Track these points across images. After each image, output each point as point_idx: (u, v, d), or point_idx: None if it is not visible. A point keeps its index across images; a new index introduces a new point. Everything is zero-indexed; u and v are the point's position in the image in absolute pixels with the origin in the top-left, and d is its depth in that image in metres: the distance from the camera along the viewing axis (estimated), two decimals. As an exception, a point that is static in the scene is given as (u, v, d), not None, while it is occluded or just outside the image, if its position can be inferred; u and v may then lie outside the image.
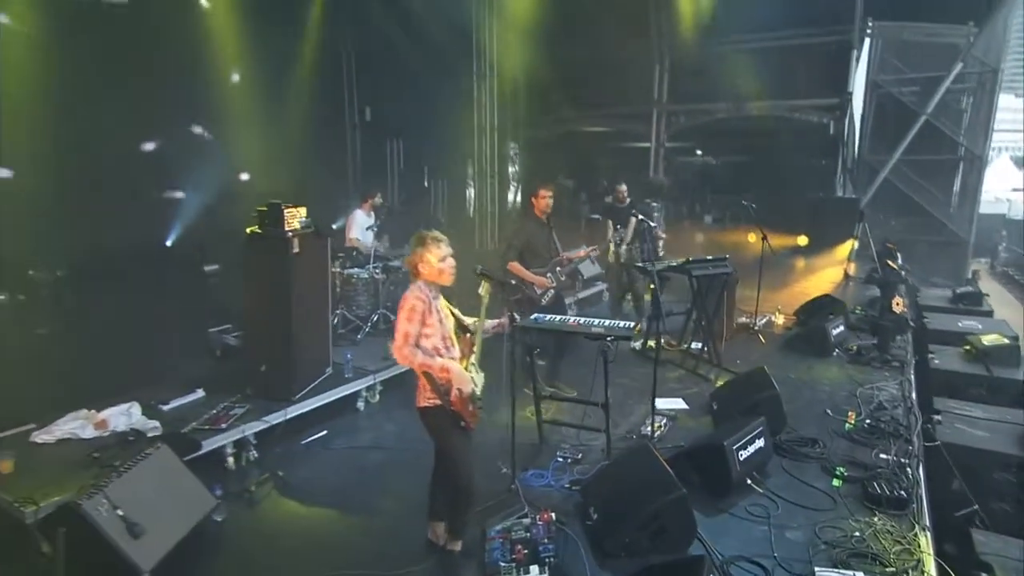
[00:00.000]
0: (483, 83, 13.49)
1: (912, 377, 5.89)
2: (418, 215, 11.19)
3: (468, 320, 3.31)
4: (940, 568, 3.19)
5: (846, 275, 10.83)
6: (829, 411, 5.06)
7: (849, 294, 9.44)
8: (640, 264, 6.28)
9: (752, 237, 14.37)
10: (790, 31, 13.97)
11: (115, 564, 2.79)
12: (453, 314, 3.20)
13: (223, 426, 4.00)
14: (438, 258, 2.94)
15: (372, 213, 6.73)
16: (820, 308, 7.38)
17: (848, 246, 11.78)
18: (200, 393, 4.50)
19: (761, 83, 14.29)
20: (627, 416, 5.02)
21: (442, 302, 3.07)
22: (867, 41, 13.73)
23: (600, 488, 3.59)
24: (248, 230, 4.35)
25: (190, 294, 7.02)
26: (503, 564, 3.02)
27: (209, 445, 3.87)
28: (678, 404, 5.26)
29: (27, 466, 3.43)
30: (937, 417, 4.98)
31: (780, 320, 7.63)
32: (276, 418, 4.26)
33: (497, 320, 3.47)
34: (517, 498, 3.63)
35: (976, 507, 4.08)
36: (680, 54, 15.47)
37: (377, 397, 5.24)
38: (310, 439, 4.54)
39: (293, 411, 4.40)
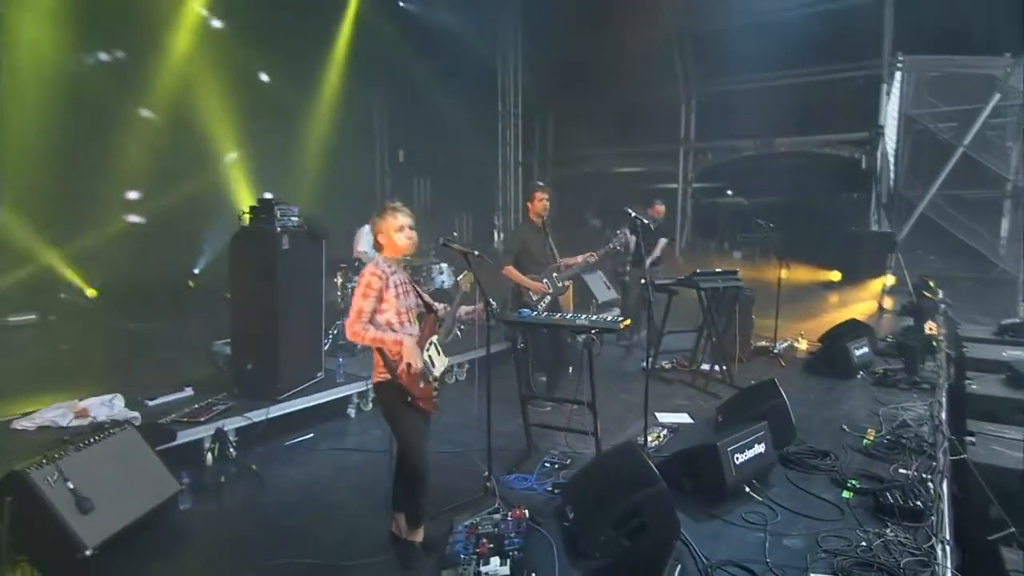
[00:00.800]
0: (508, 122, 13.78)
1: (943, 399, 5.46)
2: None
3: (438, 305, 3.21)
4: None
5: (880, 308, 10.34)
6: (846, 427, 4.70)
7: (882, 325, 8.97)
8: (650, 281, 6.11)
9: (785, 272, 14.04)
10: (817, 67, 13.89)
11: (59, 538, 2.70)
12: (419, 295, 3.10)
13: (201, 419, 3.94)
14: (395, 228, 2.87)
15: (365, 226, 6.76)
16: (846, 332, 6.98)
17: (882, 280, 11.32)
18: (188, 392, 4.47)
19: (789, 119, 14.20)
20: (625, 429, 4.76)
21: (403, 277, 2.97)
22: (898, 75, 13.53)
23: (578, 487, 3.36)
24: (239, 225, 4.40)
25: (210, 318, 7.17)
26: (463, 556, 2.81)
27: (184, 436, 3.80)
28: (682, 419, 4.97)
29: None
30: (971, 438, 4.59)
31: (803, 345, 7.27)
32: (258, 416, 4.18)
33: (472, 307, 3.36)
34: (492, 496, 3.42)
35: (1013, 530, 3.67)
36: (706, 91, 15.55)
37: (370, 405, 5.12)
38: (294, 441, 4.44)
39: (276, 410, 4.32)
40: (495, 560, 2.75)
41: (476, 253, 3.18)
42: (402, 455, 2.96)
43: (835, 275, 12.84)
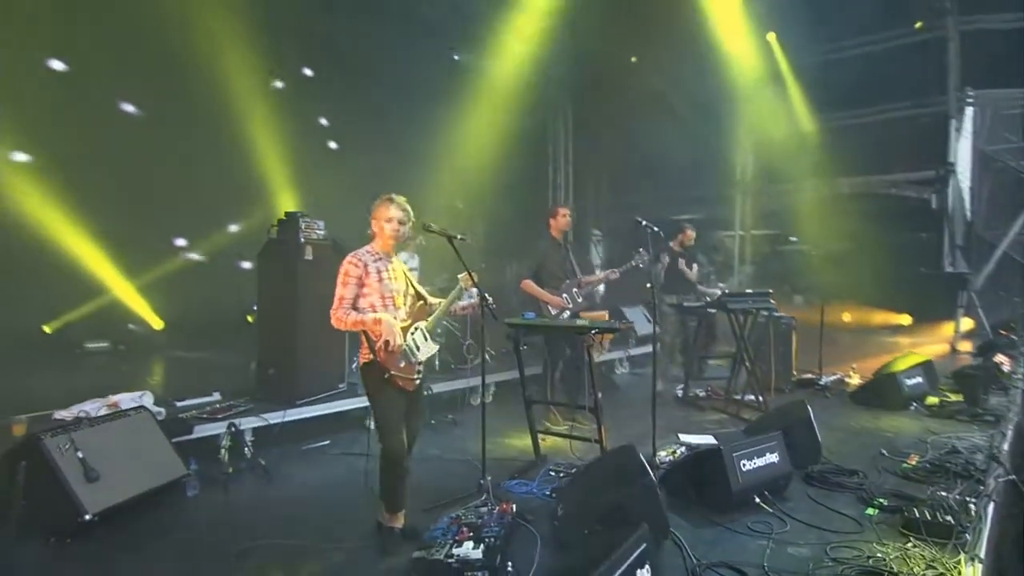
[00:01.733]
0: (559, 168, 14.04)
1: (1008, 432, 4.95)
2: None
3: (431, 299, 3.29)
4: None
5: (953, 350, 9.61)
6: (885, 451, 4.34)
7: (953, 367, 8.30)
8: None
9: (847, 316, 13.33)
10: (878, 107, 13.51)
11: (64, 502, 2.87)
12: (412, 284, 3.20)
13: (218, 417, 4.12)
14: (385, 217, 3.00)
15: (415, 256, 6.97)
16: (900, 364, 6.51)
17: (955, 323, 10.57)
18: (215, 396, 4.70)
19: (852, 160, 13.81)
20: (643, 448, 4.57)
21: (389, 265, 3.06)
22: (969, 111, 12.97)
23: (572, 488, 3.26)
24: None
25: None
26: (439, 540, 2.77)
27: (201, 431, 3.98)
28: (706, 440, 4.73)
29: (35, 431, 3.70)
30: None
31: (855, 379, 6.79)
32: (274, 418, 4.33)
33: (468, 302, 3.42)
34: (484, 494, 3.37)
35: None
36: (763, 137, 15.37)
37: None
38: (310, 446, 4.55)
39: (293, 414, 4.45)
40: (468, 544, 2.70)
41: (460, 237, 3.25)
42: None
43: (905, 319, 12.12)
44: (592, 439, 3.94)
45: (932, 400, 5.62)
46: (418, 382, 3.07)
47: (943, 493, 3.50)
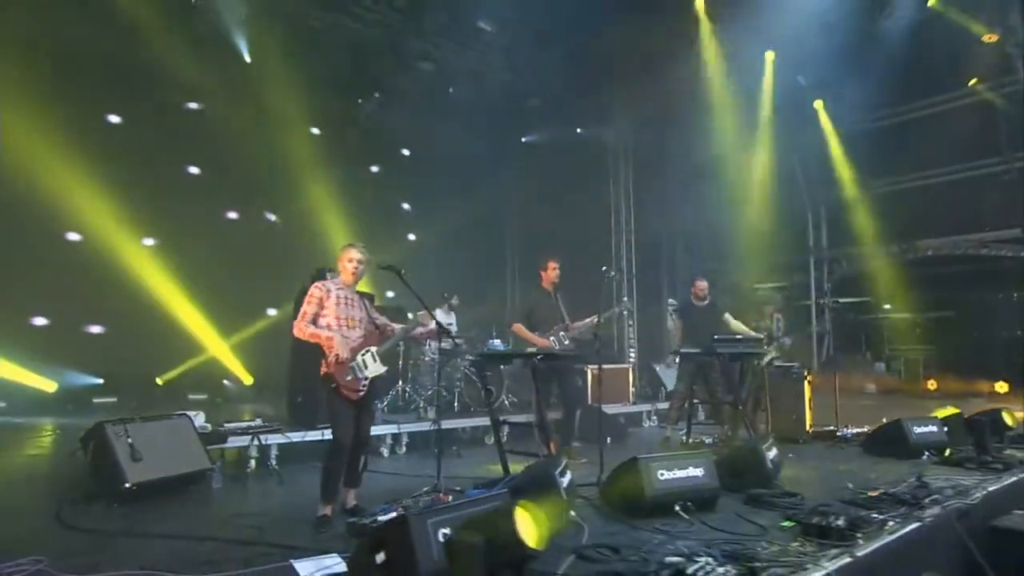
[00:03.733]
0: (621, 239, 14.58)
1: (1010, 480, 4.76)
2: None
3: (385, 323, 4.07)
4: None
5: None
6: (851, 484, 4.41)
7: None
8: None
9: (932, 384, 12.47)
10: (960, 165, 13.08)
11: (113, 472, 3.85)
12: (369, 312, 4.01)
13: (249, 431, 5.05)
14: (347, 259, 3.88)
15: (452, 313, 7.82)
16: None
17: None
18: (258, 421, 5.67)
19: (931, 221, 13.41)
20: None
21: (351, 295, 3.92)
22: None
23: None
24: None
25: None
26: (376, 512, 3.40)
27: (233, 442, 4.92)
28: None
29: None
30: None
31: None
32: (296, 436, 5.21)
33: (424, 327, 4.18)
34: (435, 492, 3.96)
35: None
36: (835, 198, 15.15)
37: (403, 449, 5.90)
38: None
39: (313, 435, 5.29)
40: (392, 511, 3.31)
41: (403, 271, 4.04)
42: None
43: (1001, 386, 11.23)
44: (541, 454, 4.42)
45: (948, 451, 5.46)
46: (363, 394, 3.80)
47: (877, 516, 3.66)
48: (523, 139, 13.56)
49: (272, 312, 10.31)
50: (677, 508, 3.67)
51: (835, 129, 13.47)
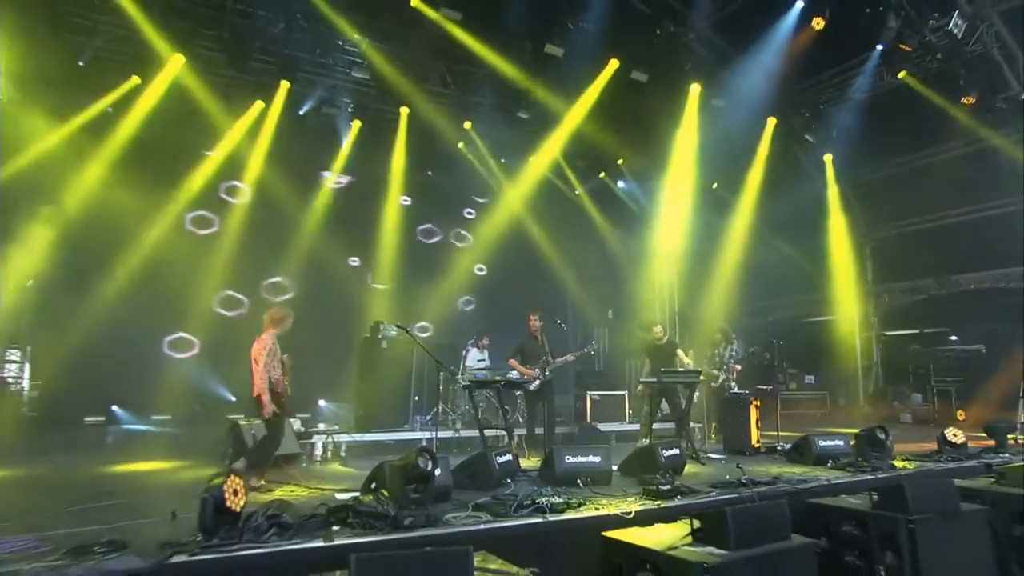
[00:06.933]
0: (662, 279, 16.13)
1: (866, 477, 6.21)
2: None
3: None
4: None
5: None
6: (728, 476, 6.12)
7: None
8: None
9: (962, 415, 13.13)
10: (1000, 201, 13.66)
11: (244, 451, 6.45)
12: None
13: (323, 431, 7.59)
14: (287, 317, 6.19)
15: (484, 351, 10.05)
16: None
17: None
18: (336, 427, 8.21)
19: (971, 256, 14.08)
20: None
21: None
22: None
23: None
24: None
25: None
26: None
27: (316, 439, 7.46)
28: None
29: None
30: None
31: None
32: (360, 436, 7.69)
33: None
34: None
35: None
36: (882, 235, 15.98)
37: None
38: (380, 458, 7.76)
39: (369, 437, 7.75)
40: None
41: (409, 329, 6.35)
42: None
43: (1025, 416, 11.77)
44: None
45: (839, 459, 6.93)
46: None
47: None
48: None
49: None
50: (579, 482, 5.66)
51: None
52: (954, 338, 16.08)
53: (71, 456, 7.63)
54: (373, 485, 4.36)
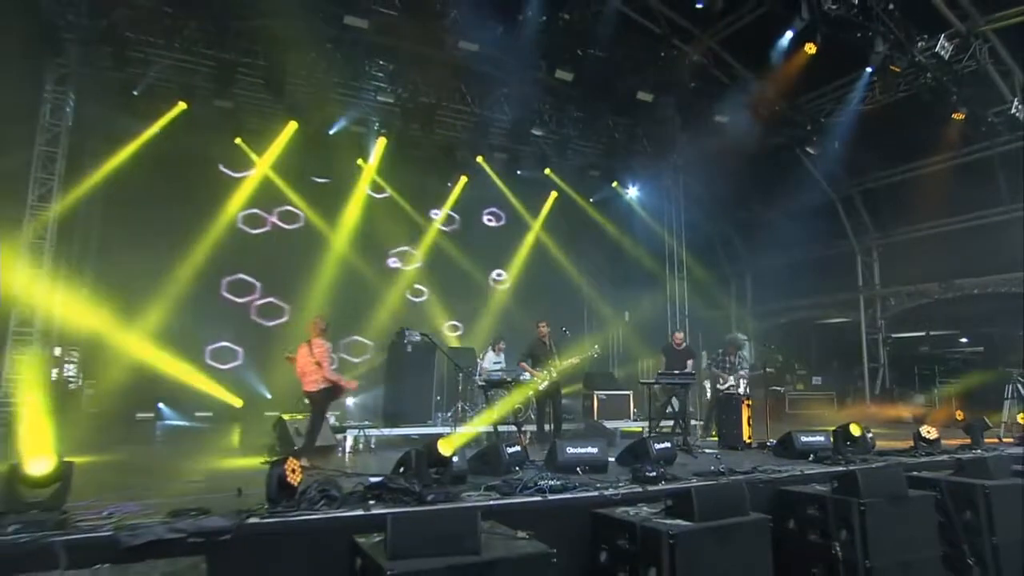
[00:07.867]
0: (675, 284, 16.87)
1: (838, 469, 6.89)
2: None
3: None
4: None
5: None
6: (712, 467, 6.87)
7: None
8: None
9: (960, 415, 13.68)
10: (1001, 208, 14.08)
11: (289, 444, 7.39)
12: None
13: (355, 426, 8.51)
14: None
15: (501, 355, 10.88)
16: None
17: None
18: (367, 421, 9.13)
19: (977, 260, 14.53)
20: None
21: None
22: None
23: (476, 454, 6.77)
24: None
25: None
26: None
27: (349, 433, 8.38)
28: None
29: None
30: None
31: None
32: (386, 430, 8.60)
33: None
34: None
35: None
36: (888, 240, 16.45)
37: (454, 443, 9.10)
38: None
39: (395, 431, 8.65)
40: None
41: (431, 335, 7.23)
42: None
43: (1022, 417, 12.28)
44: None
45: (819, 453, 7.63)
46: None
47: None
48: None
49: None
50: (578, 470, 6.47)
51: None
52: (964, 340, 16.54)
53: (133, 446, 8.69)
54: (402, 469, 5.21)
